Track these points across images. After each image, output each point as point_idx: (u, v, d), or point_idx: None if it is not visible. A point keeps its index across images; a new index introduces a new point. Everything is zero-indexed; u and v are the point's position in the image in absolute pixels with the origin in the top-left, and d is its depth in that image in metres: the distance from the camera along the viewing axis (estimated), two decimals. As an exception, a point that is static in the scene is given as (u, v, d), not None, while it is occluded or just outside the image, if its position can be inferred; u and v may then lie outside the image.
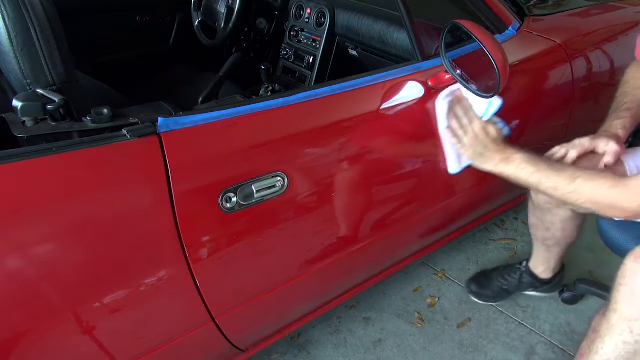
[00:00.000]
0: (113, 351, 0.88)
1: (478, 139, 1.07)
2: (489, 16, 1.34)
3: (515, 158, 1.04)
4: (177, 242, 0.85)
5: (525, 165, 1.03)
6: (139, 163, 0.80)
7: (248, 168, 0.91)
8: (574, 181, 0.97)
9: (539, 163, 1.02)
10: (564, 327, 1.52)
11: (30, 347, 0.79)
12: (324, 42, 1.64)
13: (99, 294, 0.81)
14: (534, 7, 1.62)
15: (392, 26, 1.41)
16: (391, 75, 1.10)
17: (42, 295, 0.76)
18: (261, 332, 1.22)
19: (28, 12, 0.78)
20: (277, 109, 0.94)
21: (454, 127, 1.12)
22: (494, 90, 1.03)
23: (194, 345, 1.01)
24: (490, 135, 1.06)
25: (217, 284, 0.96)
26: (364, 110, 1.06)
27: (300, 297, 1.22)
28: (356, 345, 1.48)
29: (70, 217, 0.75)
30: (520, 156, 1.04)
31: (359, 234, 1.17)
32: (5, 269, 0.72)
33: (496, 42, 1.02)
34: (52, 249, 0.76)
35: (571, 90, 1.47)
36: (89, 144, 0.75)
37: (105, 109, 0.80)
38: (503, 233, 1.89)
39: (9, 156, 0.70)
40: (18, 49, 0.79)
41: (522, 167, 1.03)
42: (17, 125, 0.77)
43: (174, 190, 0.82)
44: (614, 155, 1.10)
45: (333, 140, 1.03)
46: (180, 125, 0.83)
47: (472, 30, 1.02)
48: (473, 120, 1.08)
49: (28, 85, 0.81)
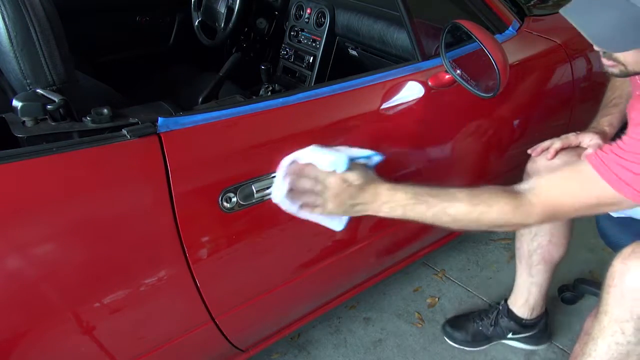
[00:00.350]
0: (113, 351, 0.88)
1: (340, 196, 0.87)
2: (489, 16, 1.34)
3: (396, 197, 0.88)
4: (177, 242, 0.85)
5: (412, 201, 0.87)
6: (139, 163, 0.80)
7: (248, 168, 0.91)
8: (474, 208, 0.87)
9: (424, 195, 0.88)
10: (564, 327, 1.52)
11: (30, 347, 0.79)
12: (324, 42, 1.64)
13: (99, 294, 0.81)
14: (534, 7, 1.62)
15: (392, 26, 1.41)
16: (391, 75, 1.10)
17: (42, 295, 0.76)
18: (261, 332, 1.22)
19: (28, 12, 0.78)
20: (277, 109, 0.94)
21: (309, 202, 0.89)
22: (494, 90, 1.03)
23: (194, 345, 1.01)
24: (352, 183, 0.86)
25: (217, 284, 0.96)
26: (364, 110, 1.06)
27: (300, 297, 1.22)
28: (356, 345, 1.48)
29: (71, 217, 0.75)
30: (401, 194, 0.88)
31: (358, 234, 1.17)
32: (6, 269, 0.72)
33: (496, 42, 1.02)
34: (52, 249, 0.76)
35: (571, 90, 1.47)
36: (89, 144, 0.75)
37: (105, 109, 0.80)
38: (503, 233, 1.89)
39: (9, 156, 0.70)
40: (18, 49, 0.79)
41: (410, 205, 0.88)
42: (17, 125, 0.77)
43: (174, 190, 0.82)
44: (596, 148, 1.08)
45: (333, 141, 1.02)
46: (180, 125, 0.83)
47: (472, 30, 1.02)
48: (325, 181, 0.86)
49: (28, 85, 0.81)
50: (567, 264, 1.55)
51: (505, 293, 1.45)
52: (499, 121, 1.35)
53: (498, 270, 1.74)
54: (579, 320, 1.53)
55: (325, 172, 0.86)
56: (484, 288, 1.68)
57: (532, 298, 1.36)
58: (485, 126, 1.33)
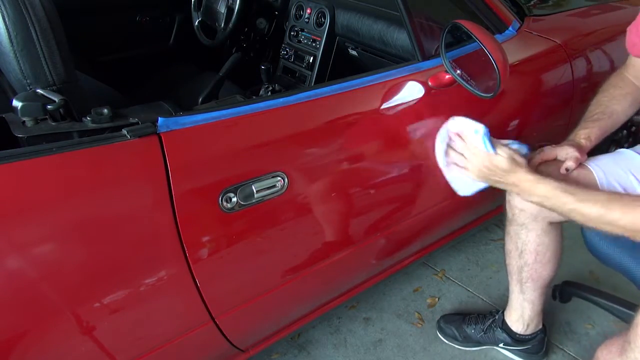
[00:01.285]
0: (113, 351, 0.88)
1: (484, 172, 1.04)
2: (489, 16, 1.34)
3: (537, 190, 0.99)
4: (177, 242, 0.85)
5: (550, 194, 0.97)
6: (139, 163, 0.80)
7: (248, 168, 0.91)
8: (610, 211, 0.91)
9: (563, 192, 0.96)
10: (564, 327, 1.52)
11: (30, 346, 0.79)
12: (324, 42, 1.64)
13: (99, 293, 0.81)
14: (534, 7, 1.62)
15: (392, 26, 1.41)
16: (391, 75, 1.10)
17: (42, 295, 0.76)
18: (261, 332, 1.22)
19: (28, 12, 0.78)
20: (277, 109, 0.94)
21: (458, 162, 1.10)
22: (494, 90, 1.03)
23: (194, 345, 1.01)
24: (498, 166, 1.01)
25: (217, 283, 0.96)
26: (364, 110, 1.06)
27: (300, 297, 1.22)
28: (356, 345, 1.48)
29: (71, 217, 0.75)
30: (542, 187, 0.98)
31: (359, 234, 1.17)
32: (6, 269, 0.72)
33: (496, 42, 1.02)
34: (52, 249, 0.76)
35: (571, 91, 1.47)
36: (89, 144, 0.75)
37: (105, 109, 0.80)
38: (503, 233, 1.89)
39: (9, 156, 0.70)
40: (18, 49, 0.79)
41: (547, 199, 0.98)
42: (17, 125, 0.77)
43: (174, 190, 0.82)
44: (574, 160, 1.09)
45: (333, 141, 1.02)
46: (180, 125, 0.83)
47: (472, 30, 1.02)
48: (476, 152, 1.04)
49: (28, 85, 0.81)
50: (567, 264, 1.55)
51: (505, 293, 1.44)
52: (499, 121, 1.35)
53: (498, 270, 1.74)
54: (578, 320, 1.53)
55: (475, 147, 1.04)
56: (484, 288, 1.68)
57: (526, 314, 1.34)
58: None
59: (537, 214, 1.16)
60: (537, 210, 1.14)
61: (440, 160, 1.13)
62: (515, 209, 1.20)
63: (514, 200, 1.19)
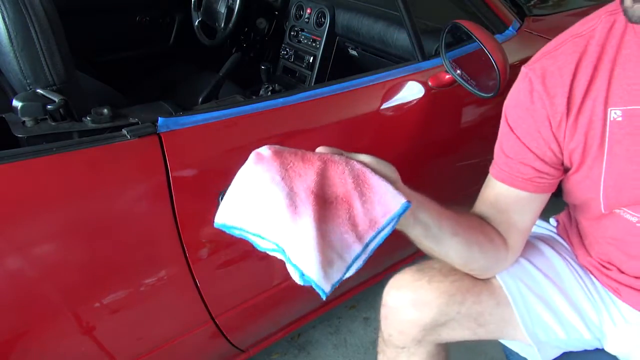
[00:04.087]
0: (113, 351, 0.88)
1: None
2: (489, 16, 1.34)
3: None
4: (177, 242, 0.85)
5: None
6: (139, 163, 0.80)
7: (248, 168, 0.91)
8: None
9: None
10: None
11: (30, 346, 0.79)
12: (324, 42, 1.64)
13: (99, 293, 0.81)
14: (534, 7, 1.62)
15: (392, 26, 1.41)
16: (391, 75, 1.10)
17: (42, 295, 0.76)
18: (261, 332, 1.22)
19: (28, 12, 0.78)
20: (277, 109, 0.94)
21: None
22: (494, 90, 1.03)
23: (194, 345, 1.01)
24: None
25: (217, 283, 0.96)
26: (364, 110, 1.06)
27: (300, 297, 1.22)
28: (356, 345, 1.48)
29: (71, 217, 0.75)
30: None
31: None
32: (6, 269, 0.72)
33: (496, 42, 1.02)
34: (52, 249, 0.76)
35: (571, 90, 1.47)
36: (89, 144, 0.75)
37: (105, 108, 0.80)
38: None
39: (9, 156, 0.70)
40: (18, 49, 0.79)
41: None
42: (17, 125, 0.77)
43: (174, 190, 0.82)
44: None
45: (333, 140, 1.03)
46: (180, 125, 0.83)
47: (472, 30, 1.02)
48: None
49: (28, 85, 0.81)
50: None
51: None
52: (499, 121, 1.35)
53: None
54: None
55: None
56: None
57: None
58: (485, 126, 1.33)
59: (422, 338, 0.86)
60: (423, 333, 0.84)
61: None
62: (393, 330, 0.87)
63: (393, 318, 0.87)
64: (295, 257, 0.50)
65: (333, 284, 0.51)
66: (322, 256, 0.49)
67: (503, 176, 0.78)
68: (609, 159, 0.70)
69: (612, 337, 0.83)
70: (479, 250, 0.77)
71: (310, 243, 0.49)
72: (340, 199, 0.53)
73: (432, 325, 0.83)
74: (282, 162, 0.54)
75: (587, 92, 0.69)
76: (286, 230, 0.50)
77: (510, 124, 0.76)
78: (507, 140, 0.77)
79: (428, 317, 0.81)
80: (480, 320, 0.84)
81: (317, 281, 0.49)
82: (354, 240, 0.53)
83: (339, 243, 0.52)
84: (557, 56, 0.71)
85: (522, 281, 0.84)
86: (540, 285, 0.84)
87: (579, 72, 0.69)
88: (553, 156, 0.74)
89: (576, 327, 0.83)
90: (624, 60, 0.67)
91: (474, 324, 0.85)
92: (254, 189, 0.53)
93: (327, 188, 0.53)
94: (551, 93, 0.70)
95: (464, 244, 0.74)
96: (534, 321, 0.82)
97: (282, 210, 0.50)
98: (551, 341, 0.84)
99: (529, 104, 0.72)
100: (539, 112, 0.72)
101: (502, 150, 0.78)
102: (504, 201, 0.79)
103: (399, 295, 0.85)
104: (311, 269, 0.49)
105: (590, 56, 0.69)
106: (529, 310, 0.82)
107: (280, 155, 0.54)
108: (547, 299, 0.83)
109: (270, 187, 0.52)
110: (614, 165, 0.70)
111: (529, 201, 0.78)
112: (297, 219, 0.50)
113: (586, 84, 0.69)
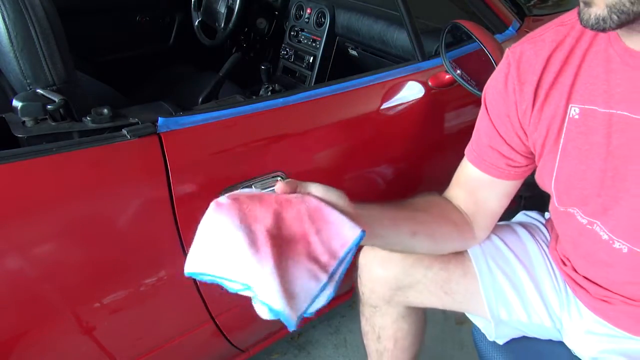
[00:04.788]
0: (113, 351, 0.88)
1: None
2: (489, 16, 1.34)
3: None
4: (177, 242, 0.85)
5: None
6: (139, 163, 0.80)
7: (248, 168, 0.91)
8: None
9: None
10: None
11: (30, 346, 0.79)
12: (324, 42, 1.64)
13: (99, 293, 0.81)
14: (534, 7, 1.62)
15: (392, 26, 1.42)
16: (391, 75, 1.10)
17: (42, 295, 0.76)
18: (261, 332, 1.22)
19: (28, 12, 0.78)
20: (277, 109, 0.94)
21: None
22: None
23: (194, 345, 1.01)
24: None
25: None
26: (364, 110, 1.06)
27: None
28: (356, 345, 1.48)
29: (71, 218, 0.75)
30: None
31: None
32: (6, 269, 0.72)
33: (496, 42, 1.02)
34: (53, 249, 0.76)
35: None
36: (89, 144, 0.75)
37: (105, 108, 0.80)
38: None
39: (9, 156, 0.70)
40: (18, 49, 0.79)
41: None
42: (17, 125, 0.77)
43: (174, 190, 0.82)
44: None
45: (333, 140, 1.03)
46: (180, 125, 0.83)
47: (472, 30, 1.02)
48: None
49: (28, 85, 0.81)
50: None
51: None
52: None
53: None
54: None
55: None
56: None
57: None
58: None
59: (390, 298, 0.89)
60: (390, 293, 0.87)
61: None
62: (365, 288, 0.91)
63: (364, 276, 0.90)
64: (262, 294, 0.53)
65: (299, 315, 0.55)
66: (283, 289, 0.52)
67: (472, 157, 0.80)
68: (562, 155, 0.70)
69: (569, 330, 0.84)
70: (443, 238, 0.80)
71: (272, 279, 0.52)
72: (298, 237, 0.56)
73: (398, 285, 0.85)
74: (240, 207, 0.56)
75: (554, 84, 0.68)
76: (250, 270, 0.52)
77: (487, 105, 0.77)
78: (482, 121, 0.78)
79: (392, 274, 0.84)
80: (446, 288, 0.86)
81: (283, 312, 0.52)
82: (319, 272, 0.56)
83: (301, 276, 0.55)
84: (537, 42, 0.70)
85: (492, 258, 0.85)
86: (510, 264, 0.86)
87: (551, 62, 0.68)
88: (520, 143, 0.74)
89: (538, 312, 0.84)
90: (592, 57, 0.65)
91: (440, 291, 0.86)
92: (216, 235, 0.55)
93: (284, 228, 0.56)
94: (522, 79, 0.70)
95: (426, 239, 0.77)
96: (497, 297, 0.84)
97: (244, 250, 0.52)
98: (512, 322, 0.85)
99: (502, 88, 0.73)
100: (510, 97, 0.72)
101: (477, 130, 0.80)
102: (472, 183, 0.81)
103: (371, 254, 0.88)
104: (276, 303, 0.52)
105: (565, 47, 0.68)
106: (495, 285, 0.84)
107: (238, 201, 0.57)
108: (514, 279, 0.85)
109: (231, 230, 0.54)
110: (565, 162, 0.70)
111: (494, 185, 0.79)
112: (258, 258, 0.52)
113: (554, 75, 0.68)
